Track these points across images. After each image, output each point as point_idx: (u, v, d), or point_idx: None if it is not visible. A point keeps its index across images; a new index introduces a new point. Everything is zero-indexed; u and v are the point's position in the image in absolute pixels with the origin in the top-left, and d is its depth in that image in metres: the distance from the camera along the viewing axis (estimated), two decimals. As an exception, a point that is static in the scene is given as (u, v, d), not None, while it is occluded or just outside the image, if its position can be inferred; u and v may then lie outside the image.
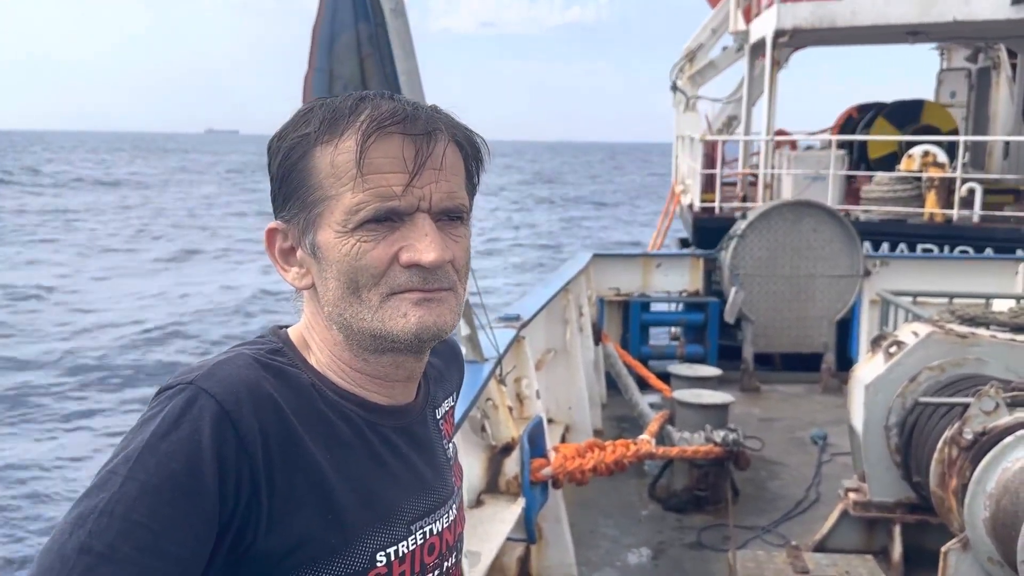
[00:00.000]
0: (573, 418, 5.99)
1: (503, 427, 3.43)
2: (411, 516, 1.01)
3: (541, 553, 4.13)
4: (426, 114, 0.97)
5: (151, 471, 0.82)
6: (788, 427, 6.96)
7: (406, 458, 1.03)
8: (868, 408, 4.23)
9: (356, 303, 0.96)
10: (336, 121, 0.95)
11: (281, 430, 0.90)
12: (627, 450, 4.15)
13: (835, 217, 8.41)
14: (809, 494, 5.49)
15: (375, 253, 0.94)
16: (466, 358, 3.45)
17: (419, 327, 0.96)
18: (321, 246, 0.96)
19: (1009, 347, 4.13)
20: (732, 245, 8.30)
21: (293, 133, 0.97)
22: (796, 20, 10.84)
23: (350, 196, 0.93)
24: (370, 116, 0.94)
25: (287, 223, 0.99)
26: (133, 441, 0.85)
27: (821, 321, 8.32)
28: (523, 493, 3.34)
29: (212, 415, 0.86)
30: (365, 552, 0.95)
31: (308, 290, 1.01)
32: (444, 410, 1.17)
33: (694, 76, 13.78)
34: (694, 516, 5.18)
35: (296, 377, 0.96)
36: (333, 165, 0.94)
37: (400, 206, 0.94)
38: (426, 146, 0.94)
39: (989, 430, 3.37)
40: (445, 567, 1.07)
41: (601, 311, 8.23)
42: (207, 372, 0.90)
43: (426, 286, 0.95)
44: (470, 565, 2.72)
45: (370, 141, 0.93)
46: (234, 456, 0.86)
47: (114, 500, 0.81)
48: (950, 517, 3.53)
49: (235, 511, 0.86)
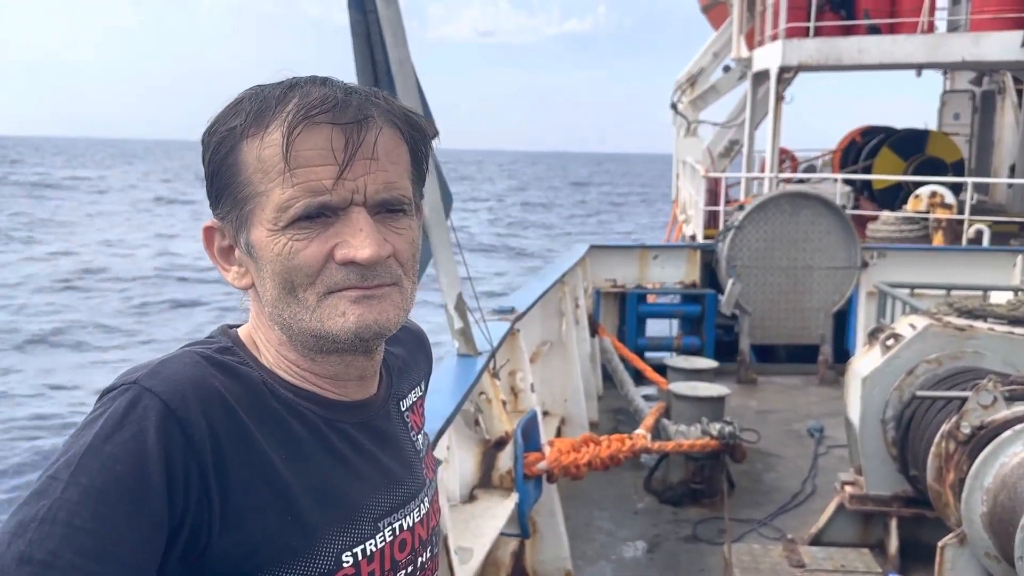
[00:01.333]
0: (569, 411, 5.97)
1: (496, 421, 3.40)
2: (377, 513, 0.98)
3: (535, 547, 4.11)
4: (359, 100, 0.91)
5: (94, 474, 0.79)
6: (784, 419, 6.94)
7: (369, 454, 1.00)
8: (865, 401, 4.20)
9: (293, 303, 0.92)
10: (262, 112, 0.90)
11: (232, 428, 0.87)
12: (622, 445, 4.13)
13: (833, 209, 8.38)
14: (805, 487, 5.47)
15: (308, 252, 0.90)
16: (459, 352, 3.42)
17: (359, 326, 0.92)
18: (255, 245, 0.92)
19: (1007, 340, 4.10)
20: (729, 237, 8.27)
21: (222, 126, 0.93)
22: (801, 57, 10.75)
23: (279, 192, 0.89)
24: (297, 105, 0.89)
25: (222, 221, 0.96)
26: (75, 445, 0.82)
27: (818, 313, 8.29)
28: (516, 488, 3.31)
29: (157, 414, 0.83)
30: (329, 552, 0.91)
31: (250, 290, 0.97)
32: (411, 401, 1.13)
33: (695, 100, 13.72)
34: (690, 509, 5.16)
35: (247, 375, 0.93)
36: (260, 160, 0.90)
37: (332, 200, 0.89)
38: (356, 135, 0.89)
39: (987, 424, 3.35)
40: (419, 562, 1.04)
41: (597, 303, 8.19)
42: (151, 371, 0.87)
43: (364, 283, 0.91)
44: (462, 561, 2.68)
45: (296, 132, 0.88)
46: (182, 455, 0.82)
47: (55, 507, 0.77)
48: (947, 512, 3.51)
49: (186, 512, 0.83)
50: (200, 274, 21.28)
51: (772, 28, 11.42)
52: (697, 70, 13.79)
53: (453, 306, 3.34)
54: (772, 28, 11.42)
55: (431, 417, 2.61)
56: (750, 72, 12.70)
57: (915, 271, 7.77)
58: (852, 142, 14.07)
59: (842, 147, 14.14)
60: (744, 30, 12.97)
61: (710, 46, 13.80)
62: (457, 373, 3.23)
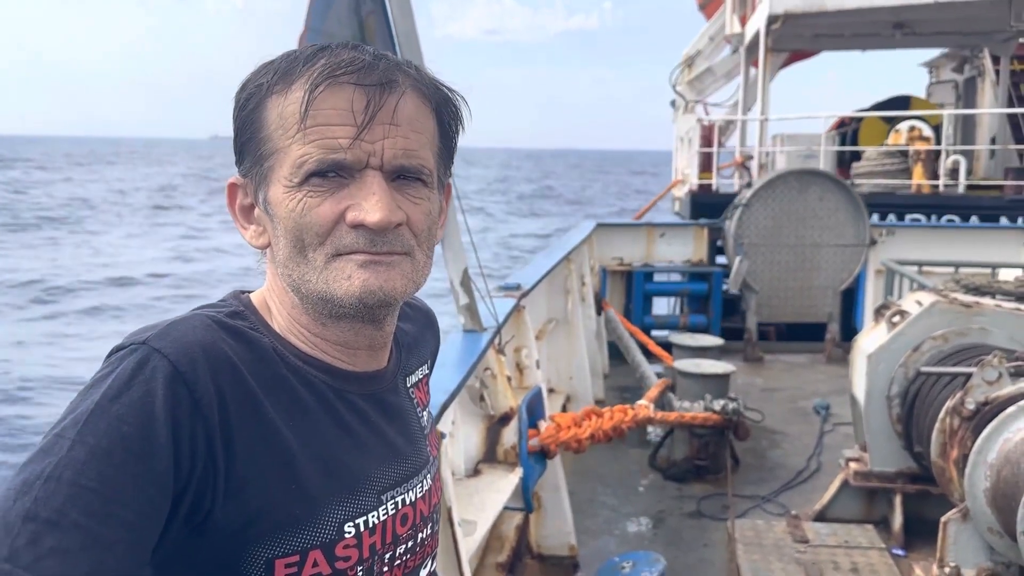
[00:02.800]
0: (574, 388, 5.98)
1: (501, 397, 3.41)
2: (381, 486, 0.98)
3: (540, 522, 4.14)
4: (387, 64, 0.91)
5: (101, 434, 0.79)
6: (790, 397, 6.94)
7: (375, 426, 1.00)
8: (870, 378, 4.20)
9: (303, 263, 0.92)
10: (290, 71, 0.90)
11: (239, 393, 0.87)
12: (625, 416, 4.13)
13: (841, 186, 8.33)
14: (810, 464, 5.48)
15: (320, 210, 0.89)
16: (464, 327, 3.43)
17: (363, 290, 0.91)
18: (272, 202, 0.92)
19: (1014, 317, 4.08)
20: (737, 214, 8.23)
21: (252, 83, 0.93)
22: (787, 5, 11.04)
23: (297, 148, 0.89)
24: (323, 65, 0.89)
25: (245, 178, 0.96)
26: (82, 403, 0.81)
27: (826, 291, 8.27)
28: (520, 463, 3.33)
29: (165, 376, 0.82)
30: (332, 522, 0.91)
31: (266, 249, 0.97)
32: (417, 378, 1.13)
33: (692, 82, 14.10)
34: (694, 485, 5.18)
35: (257, 340, 0.93)
36: (281, 116, 0.90)
37: (346, 159, 0.89)
38: (378, 97, 0.88)
39: (991, 400, 3.34)
40: (420, 538, 1.04)
41: (604, 281, 8.19)
42: (161, 332, 0.86)
43: (373, 248, 0.90)
44: (465, 534, 2.70)
45: (319, 91, 0.88)
46: (188, 419, 0.82)
47: (61, 465, 0.77)
48: (951, 487, 3.51)
49: (191, 475, 0.83)
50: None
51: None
52: (694, 52, 14.19)
53: (459, 282, 3.35)
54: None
55: (436, 391, 2.62)
56: (742, 48, 13.00)
57: (924, 248, 7.74)
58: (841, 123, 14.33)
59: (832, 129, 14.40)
60: (737, 12, 13.33)
61: (706, 30, 14.20)
62: (462, 348, 3.24)
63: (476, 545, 2.84)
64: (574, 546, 4.17)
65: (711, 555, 4.36)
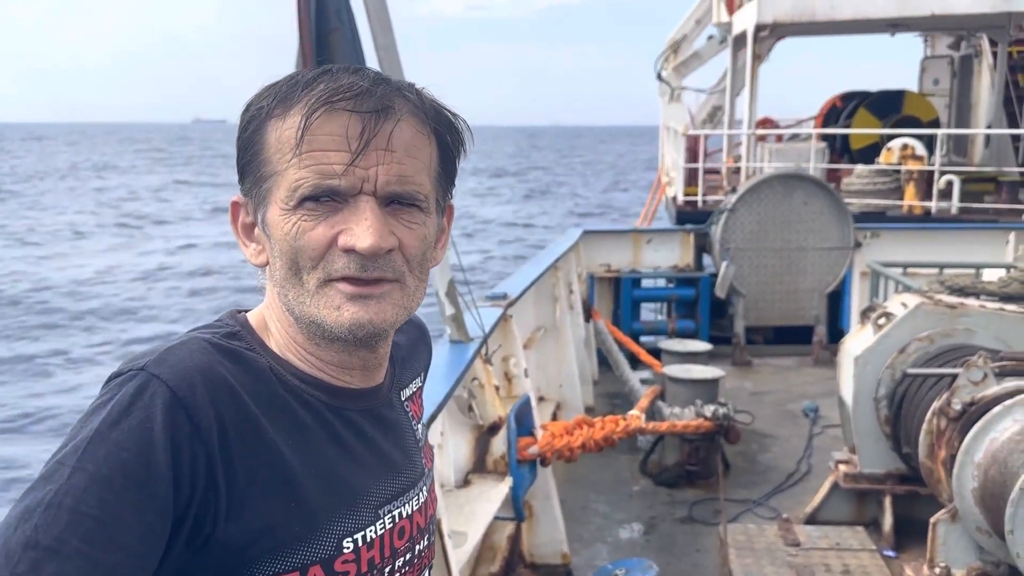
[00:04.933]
0: (564, 396, 5.98)
1: (489, 406, 3.41)
2: (378, 500, 0.99)
3: (531, 531, 4.13)
4: (385, 90, 0.92)
5: (100, 461, 0.79)
6: (779, 400, 6.96)
7: (372, 441, 1.01)
8: (857, 380, 4.22)
9: (297, 285, 0.93)
10: (289, 95, 0.92)
11: (238, 416, 0.88)
12: (616, 426, 4.14)
13: (825, 189, 8.38)
14: (800, 467, 5.50)
15: (314, 234, 0.90)
16: (451, 338, 3.43)
17: (352, 323, 0.92)
18: (269, 223, 0.94)
19: (998, 317, 4.11)
20: (723, 219, 8.27)
21: (254, 105, 0.95)
22: (776, 14, 10.92)
23: (293, 172, 0.90)
24: (322, 90, 0.90)
25: (246, 196, 0.97)
26: (82, 430, 0.82)
27: (812, 294, 8.31)
28: (510, 472, 3.32)
29: (164, 401, 0.83)
30: (331, 538, 0.92)
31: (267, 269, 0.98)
32: (411, 391, 1.14)
33: (679, 67, 13.85)
34: (685, 490, 5.19)
35: (254, 361, 0.94)
36: (279, 140, 0.91)
37: (340, 185, 0.90)
38: (373, 124, 0.89)
39: (977, 400, 3.37)
40: (417, 550, 1.05)
41: (591, 288, 8.20)
42: (158, 357, 0.87)
43: (364, 274, 0.91)
44: (456, 545, 2.70)
45: (315, 117, 0.89)
46: (188, 444, 0.83)
47: (62, 492, 0.77)
48: (939, 488, 3.53)
49: (191, 500, 0.83)
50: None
51: None
52: (680, 36, 13.87)
53: (444, 292, 3.35)
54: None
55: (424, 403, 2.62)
56: (730, 37, 12.82)
57: (908, 250, 7.78)
58: (833, 107, 14.24)
59: (823, 112, 14.32)
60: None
61: (692, 13, 13.88)
62: (449, 359, 3.24)
63: (467, 556, 2.83)
64: (567, 554, 4.16)
65: (703, 560, 4.37)
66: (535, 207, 37.47)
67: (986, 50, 13.25)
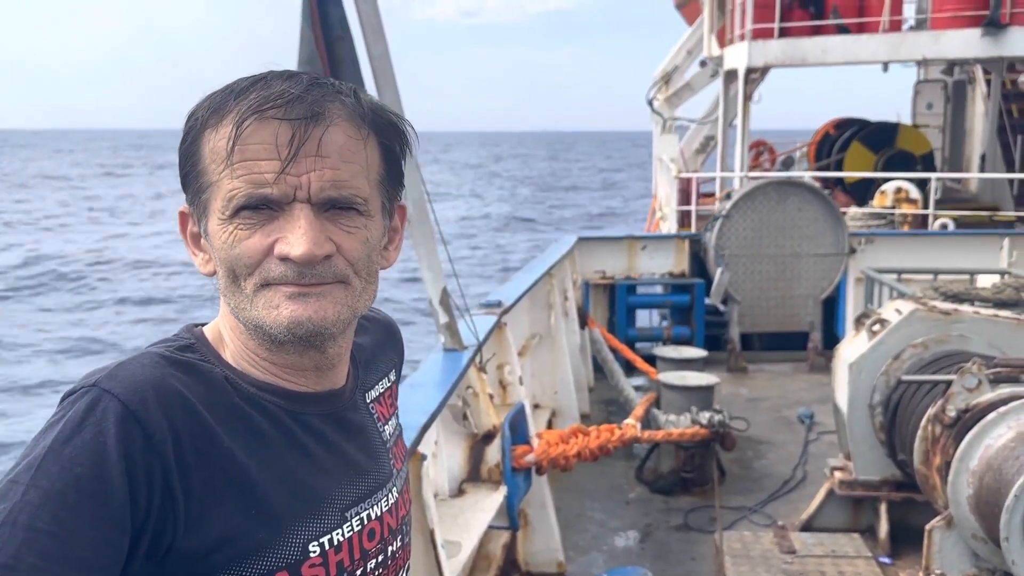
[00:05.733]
0: (559, 403, 5.97)
1: (483, 415, 3.40)
2: (344, 503, 0.99)
3: (527, 539, 4.12)
4: (317, 95, 0.91)
5: (54, 477, 0.79)
6: (775, 407, 6.96)
7: (334, 445, 1.00)
8: (852, 387, 4.22)
9: (238, 292, 0.93)
10: (222, 105, 0.92)
11: (193, 426, 0.87)
12: (611, 435, 4.13)
13: (820, 196, 8.40)
14: (796, 473, 5.49)
15: (250, 243, 0.91)
16: (445, 346, 3.42)
17: (291, 321, 0.92)
18: (211, 233, 0.94)
19: (992, 323, 4.12)
20: (717, 226, 8.28)
21: (192, 116, 0.94)
22: (767, 58, 10.94)
23: (227, 183, 0.90)
24: (253, 99, 0.90)
25: (191, 207, 0.97)
26: (35, 448, 0.82)
27: (807, 300, 8.32)
28: (505, 481, 3.31)
29: (117, 415, 0.83)
30: (295, 544, 0.92)
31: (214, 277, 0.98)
32: (378, 392, 1.14)
33: (671, 97, 13.85)
34: (681, 498, 5.18)
35: (208, 372, 0.94)
36: (213, 151, 0.91)
37: (272, 194, 0.90)
38: (303, 131, 0.89)
39: (972, 407, 3.36)
40: (390, 551, 1.05)
41: (586, 295, 8.20)
42: (110, 373, 0.87)
43: (301, 280, 0.91)
44: (450, 555, 2.69)
45: (245, 126, 0.89)
46: (142, 456, 0.83)
47: (16, 510, 0.77)
48: (934, 494, 3.53)
49: (148, 512, 0.83)
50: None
51: (740, 28, 11.57)
52: (671, 67, 13.90)
53: (438, 301, 3.34)
54: (740, 28, 11.57)
55: (417, 412, 2.61)
56: (722, 70, 12.84)
57: (903, 256, 7.80)
58: (826, 135, 14.34)
59: (816, 140, 14.44)
60: (715, 29, 13.09)
61: (684, 44, 13.91)
62: (443, 367, 3.23)
63: (461, 566, 2.82)
64: (562, 563, 4.15)
65: (699, 568, 4.36)
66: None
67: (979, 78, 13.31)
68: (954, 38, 10.29)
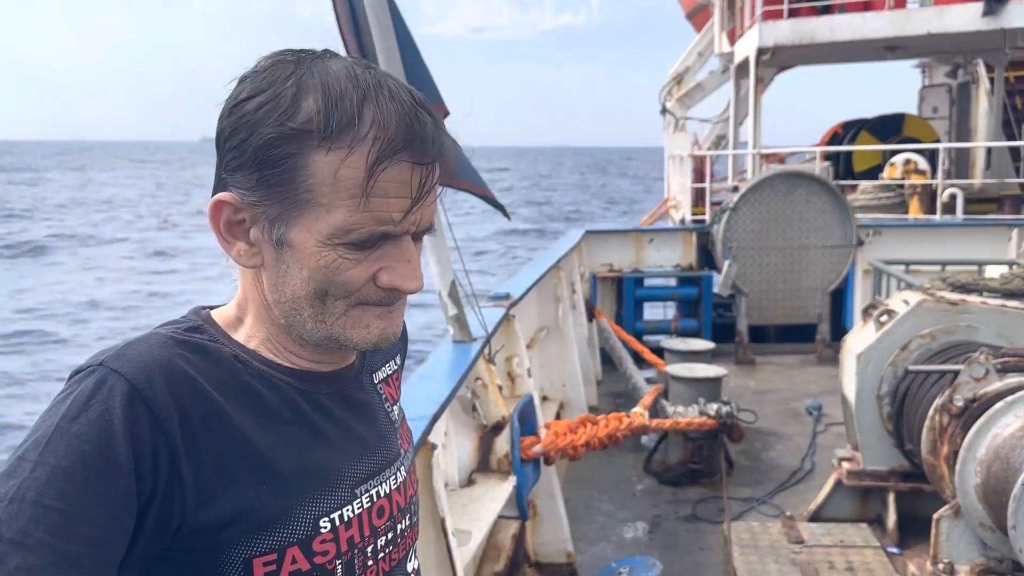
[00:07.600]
0: (567, 395, 5.99)
1: (493, 406, 3.42)
2: (354, 480, 1.00)
3: (536, 530, 4.15)
4: (429, 132, 0.91)
5: (61, 454, 0.81)
6: (783, 398, 6.97)
7: (343, 423, 1.02)
8: (860, 377, 4.23)
9: (319, 307, 0.94)
10: (344, 128, 0.88)
11: (201, 404, 0.89)
12: (620, 424, 4.15)
13: (827, 188, 8.38)
14: (804, 464, 5.50)
15: (355, 271, 0.92)
16: (454, 338, 3.45)
17: (379, 338, 0.97)
18: (294, 245, 0.92)
19: (1000, 313, 4.12)
20: (725, 218, 8.28)
21: (283, 118, 0.89)
22: (777, 37, 11.02)
23: (345, 214, 0.89)
24: (380, 134, 0.88)
25: (250, 205, 0.93)
26: (43, 426, 0.84)
27: (815, 292, 8.32)
28: (514, 471, 3.34)
29: (123, 395, 0.84)
30: (307, 519, 0.94)
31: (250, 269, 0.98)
32: (385, 374, 1.16)
33: (682, 98, 14.03)
34: (689, 489, 5.20)
35: (216, 351, 0.95)
36: (336, 178, 0.89)
37: (394, 231, 0.92)
38: (431, 176, 0.92)
39: (979, 396, 3.37)
40: (399, 529, 1.06)
41: (594, 288, 8.21)
42: (117, 352, 0.89)
43: (391, 302, 0.96)
44: (460, 544, 2.71)
45: (381, 167, 0.88)
46: (149, 435, 0.84)
47: (24, 486, 0.79)
48: (942, 484, 3.54)
49: (155, 490, 0.84)
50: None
51: (751, 19, 11.74)
52: (683, 69, 14.10)
53: (447, 293, 3.36)
54: (751, 19, 11.74)
55: (428, 403, 2.64)
56: (732, 67, 12.95)
57: (911, 247, 7.79)
58: (835, 135, 14.46)
59: (824, 142, 14.50)
60: (726, 28, 13.25)
61: (694, 46, 14.12)
62: (452, 359, 3.25)
63: (471, 555, 2.84)
64: (571, 553, 4.18)
65: (707, 558, 4.38)
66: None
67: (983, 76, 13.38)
68: (956, 12, 10.40)
